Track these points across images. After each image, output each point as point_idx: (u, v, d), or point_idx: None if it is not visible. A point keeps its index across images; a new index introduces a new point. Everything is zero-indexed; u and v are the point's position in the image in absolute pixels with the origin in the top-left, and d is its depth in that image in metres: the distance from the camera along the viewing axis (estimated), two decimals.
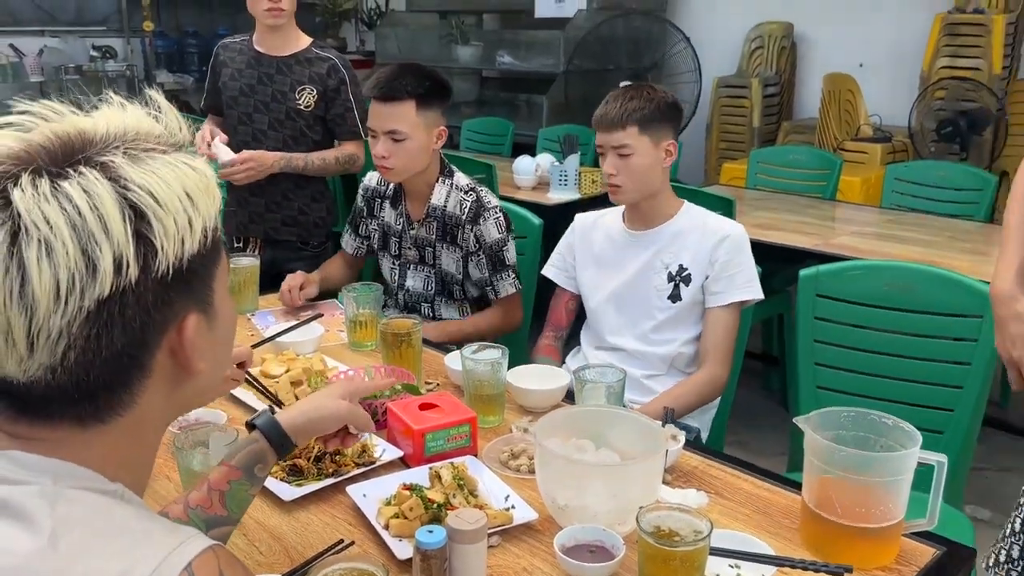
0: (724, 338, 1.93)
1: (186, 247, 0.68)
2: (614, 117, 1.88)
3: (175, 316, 0.70)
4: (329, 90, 2.61)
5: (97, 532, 0.64)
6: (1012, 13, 4.32)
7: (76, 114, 0.71)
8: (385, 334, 1.72)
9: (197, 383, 0.76)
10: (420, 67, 2.09)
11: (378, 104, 2.06)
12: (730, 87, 5.29)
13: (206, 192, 0.70)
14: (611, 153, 1.90)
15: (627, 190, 1.92)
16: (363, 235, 2.36)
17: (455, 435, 1.42)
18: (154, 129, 0.72)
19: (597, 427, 1.35)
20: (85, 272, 0.63)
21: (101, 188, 0.64)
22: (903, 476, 1.17)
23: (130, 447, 0.72)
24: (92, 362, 0.65)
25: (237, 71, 2.66)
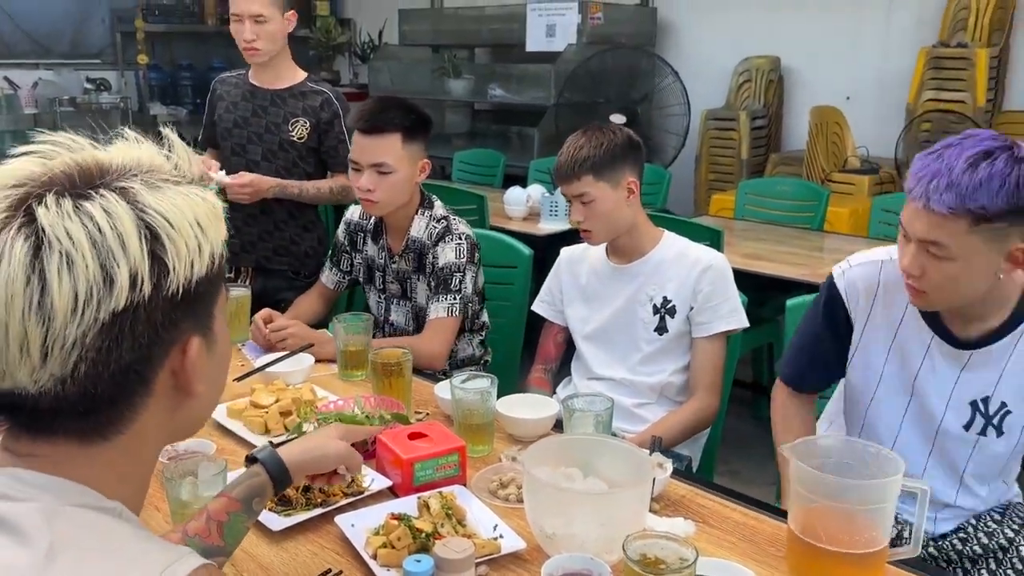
0: (712, 368, 1.95)
1: (195, 270, 0.71)
2: (567, 170, 1.91)
3: (180, 337, 0.73)
4: (322, 123, 2.64)
5: (93, 549, 0.66)
6: (995, 47, 4.40)
7: (95, 147, 0.75)
8: (375, 364, 1.72)
9: (194, 406, 0.79)
10: (403, 100, 2.11)
11: (363, 137, 2.06)
12: (718, 119, 5.36)
13: (215, 221, 0.75)
14: (575, 201, 1.93)
15: (598, 233, 1.96)
16: (344, 269, 2.35)
17: (444, 464, 1.43)
18: (166, 164, 0.76)
19: (585, 455, 1.36)
20: (103, 285, 0.66)
21: (120, 209, 0.68)
22: (887, 503, 1.18)
23: (128, 465, 0.75)
24: (100, 375, 0.68)
25: (232, 104, 2.71)
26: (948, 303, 1.40)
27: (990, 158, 1.23)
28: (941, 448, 1.52)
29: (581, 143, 1.91)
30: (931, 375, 1.50)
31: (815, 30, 5.20)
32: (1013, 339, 1.44)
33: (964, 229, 1.25)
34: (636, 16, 5.77)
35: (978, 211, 1.23)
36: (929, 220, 1.27)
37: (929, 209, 1.26)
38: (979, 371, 1.46)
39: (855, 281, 1.57)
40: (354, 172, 2.10)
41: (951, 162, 1.25)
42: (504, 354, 2.49)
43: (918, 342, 1.51)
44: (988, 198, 1.22)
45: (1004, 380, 1.44)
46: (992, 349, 1.44)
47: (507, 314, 2.50)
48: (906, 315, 1.51)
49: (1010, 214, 1.24)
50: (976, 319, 1.44)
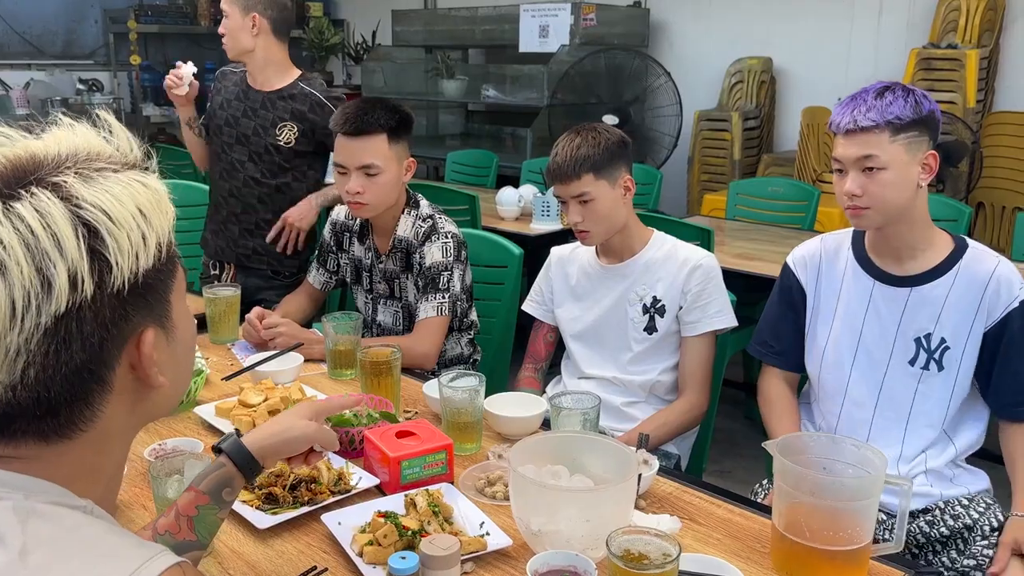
0: (701, 367, 1.96)
1: (141, 262, 0.69)
2: (567, 169, 1.89)
3: (133, 331, 0.71)
4: (318, 128, 2.65)
5: (66, 547, 0.65)
6: (984, 48, 4.42)
7: (26, 137, 0.72)
8: (364, 363, 1.73)
9: (159, 396, 0.77)
10: (385, 100, 2.10)
11: (349, 140, 2.04)
12: (711, 120, 5.37)
13: (158, 208, 0.72)
14: (572, 202, 1.92)
15: (596, 234, 1.95)
16: (331, 269, 2.35)
17: (431, 462, 1.43)
18: (105, 149, 0.73)
19: (571, 453, 1.37)
20: (40, 290, 0.64)
21: (53, 207, 0.65)
22: (870, 499, 1.19)
23: (96, 461, 0.74)
24: (52, 378, 0.67)
25: (227, 101, 2.73)
26: (885, 214, 1.61)
27: (890, 89, 1.59)
28: (888, 395, 1.69)
29: (578, 142, 1.90)
30: (875, 321, 1.69)
31: (807, 31, 5.22)
32: (949, 279, 1.63)
33: (887, 139, 1.56)
34: (629, 17, 5.78)
35: (895, 121, 1.55)
36: (861, 139, 1.57)
37: (859, 128, 1.56)
38: (919, 309, 1.65)
39: (802, 255, 1.82)
40: (340, 175, 2.09)
41: (864, 96, 1.59)
42: (494, 353, 2.49)
43: (860, 291, 1.71)
44: (899, 110, 1.55)
45: (943, 318, 1.63)
46: (929, 288, 1.64)
47: (497, 313, 2.51)
48: (847, 270, 1.74)
49: (916, 123, 1.57)
50: (908, 256, 1.66)
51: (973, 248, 1.65)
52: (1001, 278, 1.60)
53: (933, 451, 1.67)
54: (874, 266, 1.70)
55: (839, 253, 1.76)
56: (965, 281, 1.62)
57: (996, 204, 4.44)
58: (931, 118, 1.58)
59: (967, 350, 1.62)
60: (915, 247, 1.65)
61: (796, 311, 1.81)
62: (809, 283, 1.79)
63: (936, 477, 1.66)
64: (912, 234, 1.65)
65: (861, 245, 1.73)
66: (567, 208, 1.96)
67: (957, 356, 1.63)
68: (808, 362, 1.80)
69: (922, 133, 1.58)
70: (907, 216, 1.62)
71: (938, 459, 1.66)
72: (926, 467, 1.66)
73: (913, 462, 1.66)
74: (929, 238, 1.66)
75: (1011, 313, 1.59)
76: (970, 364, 1.63)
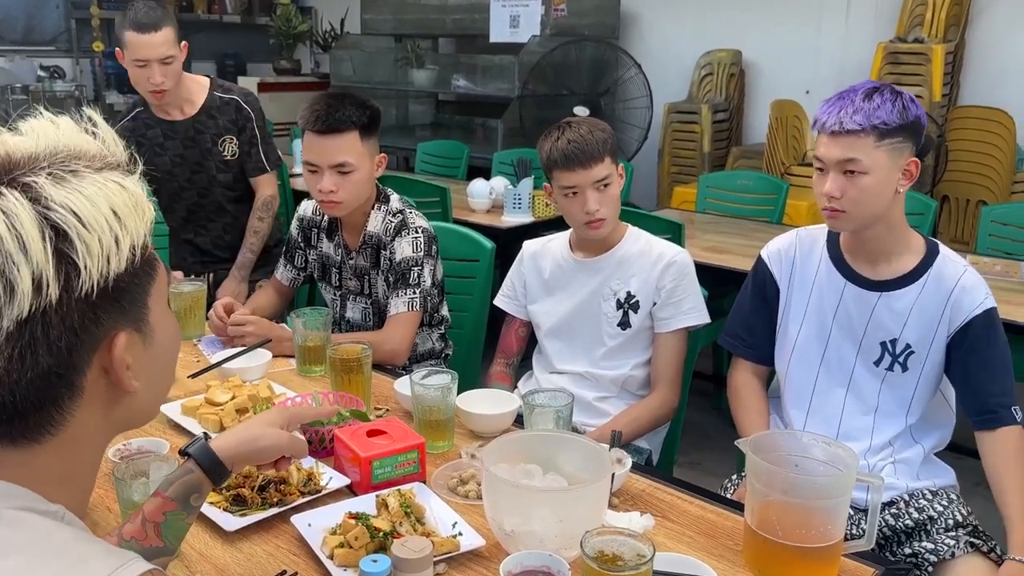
0: (673, 362, 1.96)
1: (112, 265, 0.67)
2: (592, 150, 1.84)
3: (105, 335, 0.69)
4: (239, 130, 2.64)
5: (36, 556, 0.64)
6: (950, 43, 4.47)
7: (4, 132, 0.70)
8: (334, 360, 1.70)
9: (134, 401, 0.75)
10: (354, 96, 2.05)
11: (320, 138, 1.99)
12: (681, 112, 5.39)
13: (135, 210, 0.70)
14: (591, 189, 1.86)
15: (609, 222, 1.92)
16: (298, 266, 2.31)
17: (403, 462, 1.42)
18: (87, 148, 0.71)
19: (545, 451, 1.36)
20: (3, 293, 0.63)
21: (20, 208, 0.64)
22: (842, 498, 1.19)
23: (67, 466, 0.72)
24: (17, 382, 0.65)
25: (159, 146, 2.68)
26: (862, 219, 1.60)
27: (879, 91, 1.56)
28: (855, 392, 1.70)
29: (587, 128, 1.87)
30: (845, 321, 1.70)
31: (776, 24, 5.25)
32: (918, 287, 1.64)
33: (872, 144, 1.54)
34: (599, 8, 5.77)
35: (881, 126, 1.53)
36: (845, 141, 1.55)
37: (844, 130, 1.54)
38: (886, 315, 1.66)
39: (776, 249, 1.82)
40: (310, 174, 2.04)
41: (852, 97, 1.56)
42: (466, 348, 2.48)
43: (832, 290, 1.71)
44: (886, 115, 1.53)
45: (909, 324, 1.64)
46: (898, 295, 1.65)
47: (469, 307, 2.49)
48: (820, 268, 1.74)
49: (902, 129, 1.54)
50: (882, 260, 1.66)
51: (943, 255, 1.66)
52: (965, 287, 1.61)
53: (900, 443, 1.68)
54: (848, 267, 1.70)
55: (813, 250, 1.76)
56: (932, 289, 1.63)
57: (960, 198, 4.50)
58: (916, 124, 1.57)
59: (931, 355, 1.64)
60: (890, 251, 1.65)
61: (769, 305, 1.82)
62: (783, 278, 1.80)
63: (904, 468, 1.68)
64: (887, 238, 1.64)
65: (836, 244, 1.73)
66: (577, 200, 1.88)
67: (921, 359, 1.65)
68: (778, 357, 1.81)
69: (906, 139, 1.56)
70: (884, 221, 1.62)
71: (905, 451, 1.68)
72: (894, 458, 1.68)
73: (880, 454, 1.68)
74: (904, 242, 1.66)
75: (971, 321, 1.60)
76: (933, 367, 1.65)
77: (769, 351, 1.83)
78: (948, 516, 1.59)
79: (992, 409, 1.58)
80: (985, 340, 1.60)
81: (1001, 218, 3.27)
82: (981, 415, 1.60)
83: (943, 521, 1.59)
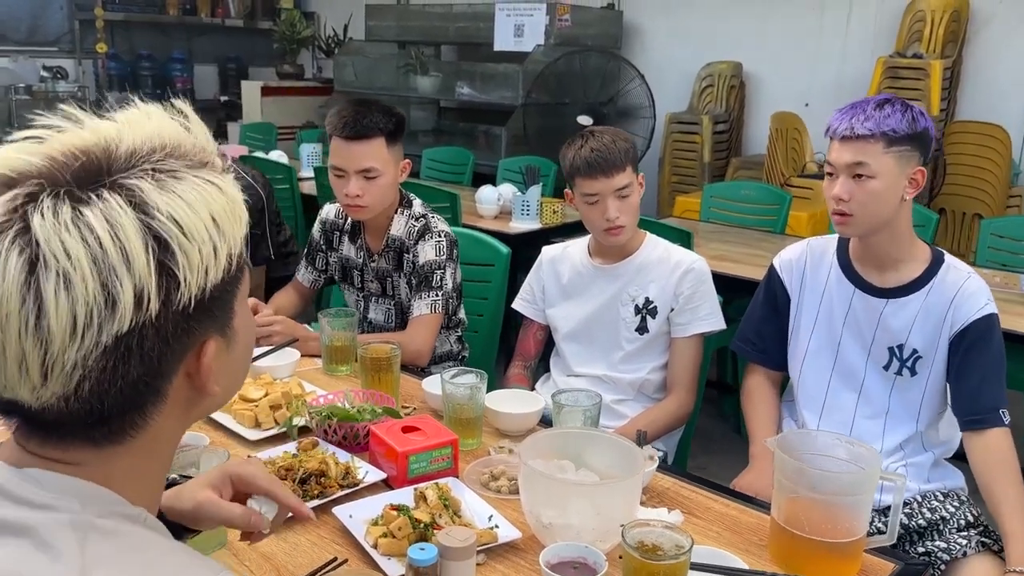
0: (690, 367, 2.01)
1: (210, 276, 0.66)
2: (615, 159, 1.90)
3: (194, 343, 0.69)
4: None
5: (129, 566, 0.64)
6: (948, 59, 4.56)
7: (100, 120, 0.68)
8: (364, 359, 1.75)
9: (210, 402, 0.75)
10: (379, 103, 2.12)
11: (348, 143, 2.05)
12: (682, 123, 5.46)
13: (232, 216, 0.68)
14: (612, 197, 1.91)
15: (628, 229, 1.98)
16: (320, 268, 2.36)
17: (437, 457, 1.46)
18: (183, 142, 0.69)
19: (576, 448, 1.41)
20: (104, 307, 0.61)
21: (125, 218, 0.62)
22: (866, 495, 1.25)
23: (146, 465, 0.71)
24: (107, 391, 0.64)
25: None
26: (868, 223, 1.66)
27: (890, 102, 1.64)
28: (866, 396, 1.76)
29: (611, 138, 1.91)
30: (854, 328, 1.75)
31: (776, 37, 5.33)
32: (923, 293, 1.70)
33: (881, 150, 1.61)
34: (602, 19, 5.84)
35: (890, 133, 1.60)
36: (855, 146, 1.62)
37: (855, 135, 1.62)
38: (893, 321, 1.71)
39: (788, 259, 1.88)
40: (336, 179, 2.10)
41: (864, 106, 1.64)
42: (480, 350, 2.52)
43: (842, 298, 1.77)
44: (896, 123, 1.60)
45: (915, 330, 1.70)
46: (904, 302, 1.70)
47: (484, 311, 2.54)
48: (831, 276, 1.80)
49: (911, 138, 1.62)
50: (889, 267, 1.72)
51: (949, 263, 1.72)
52: (968, 291, 1.67)
53: (911, 448, 1.74)
54: (856, 275, 1.76)
55: (824, 258, 1.82)
56: (937, 295, 1.69)
57: (957, 211, 4.59)
58: (925, 135, 1.63)
59: (937, 357, 1.70)
60: (897, 259, 1.71)
61: (780, 313, 1.88)
62: (794, 287, 1.85)
63: (915, 471, 1.73)
64: (894, 245, 1.70)
65: (845, 253, 1.79)
66: (598, 207, 1.92)
67: (928, 363, 1.71)
68: (791, 363, 1.87)
69: (914, 149, 1.63)
70: (890, 227, 1.68)
71: (916, 456, 1.74)
72: (906, 462, 1.73)
73: (893, 457, 1.74)
74: (911, 251, 1.72)
75: (971, 324, 1.66)
76: (941, 370, 1.71)
77: (780, 357, 1.89)
78: (960, 516, 1.65)
79: (980, 411, 1.64)
80: (981, 344, 1.66)
81: (1000, 231, 3.35)
82: (969, 416, 1.65)
83: (955, 521, 1.65)
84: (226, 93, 7.75)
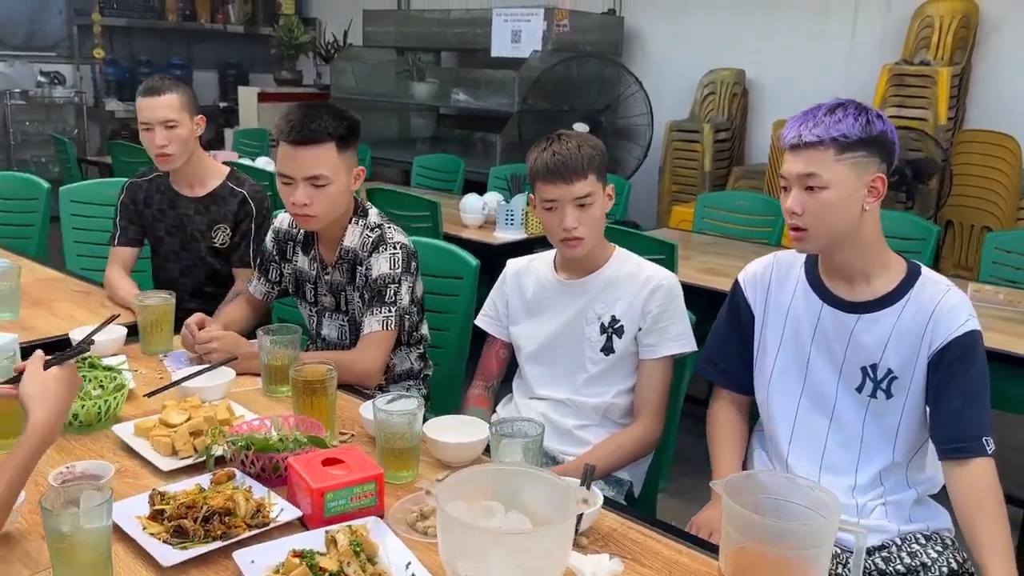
0: (657, 391, 1.88)
1: None
2: (576, 165, 1.76)
3: None
4: (237, 222, 2.60)
5: None
6: (956, 66, 4.40)
7: None
8: (296, 381, 1.62)
9: None
10: (331, 106, 1.97)
11: (295, 148, 1.90)
12: (682, 131, 5.32)
13: None
14: (570, 205, 1.78)
15: (588, 242, 1.83)
16: (272, 280, 2.23)
17: (359, 494, 1.33)
18: None
19: (509, 487, 1.27)
20: None
21: None
22: (822, 547, 1.11)
23: None
24: None
25: (160, 211, 2.64)
26: (825, 237, 1.54)
27: (842, 106, 1.51)
28: (838, 421, 1.62)
29: (576, 143, 1.79)
30: (823, 346, 1.62)
31: (780, 44, 5.19)
32: (898, 308, 1.56)
33: (832, 157, 1.48)
34: (603, 25, 5.72)
35: (841, 139, 1.47)
36: (805, 155, 1.50)
37: (803, 143, 1.49)
38: (865, 338, 1.57)
39: (752, 272, 1.75)
40: (283, 186, 1.96)
41: (815, 112, 1.52)
42: (447, 368, 2.39)
43: (809, 313, 1.64)
44: (847, 128, 1.47)
45: (889, 348, 1.56)
46: (877, 317, 1.56)
47: (451, 326, 2.41)
48: (797, 290, 1.67)
49: (864, 143, 1.48)
50: (860, 281, 1.58)
51: (926, 276, 1.57)
52: (947, 307, 1.52)
53: (891, 483, 1.59)
54: (825, 289, 1.62)
55: (791, 272, 1.69)
56: (913, 310, 1.54)
57: (965, 223, 4.42)
58: (883, 139, 1.50)
59: (915, 378, 1.55)
60: (867, 272, 1.58)
61: (743, 332, 1.74)
62: (758, 303, 1.72)
63: (895, 510, 1.59)
64: (862, 259, 1.57)
65: (814, 266, 1.65)
66: (556, 214, 1.81)
67: (905, 384, 1.56)
68: (757, 386, 1.73)
69: (871, 154, 1.49)
70: (855, 240, 1.54)
71: (897, 493, 1.59)
72: (885, 499, 1.58)
73: (870, 493, 1.59)
74: (883, 263, 1.58)
75: (951, 343, 1.51)
76: (918, 394, 1.55)
77: (745, 379, 1.75)
78: (942, 564, 1.50)
79: (962, 438, 1.48)
80: (962, 364, 1.50)
81: (1005, 245, 3.18)
82: (949, 444, 1.50)
83: (936, 569, 1.50)
84: (226, 99, 7.69)
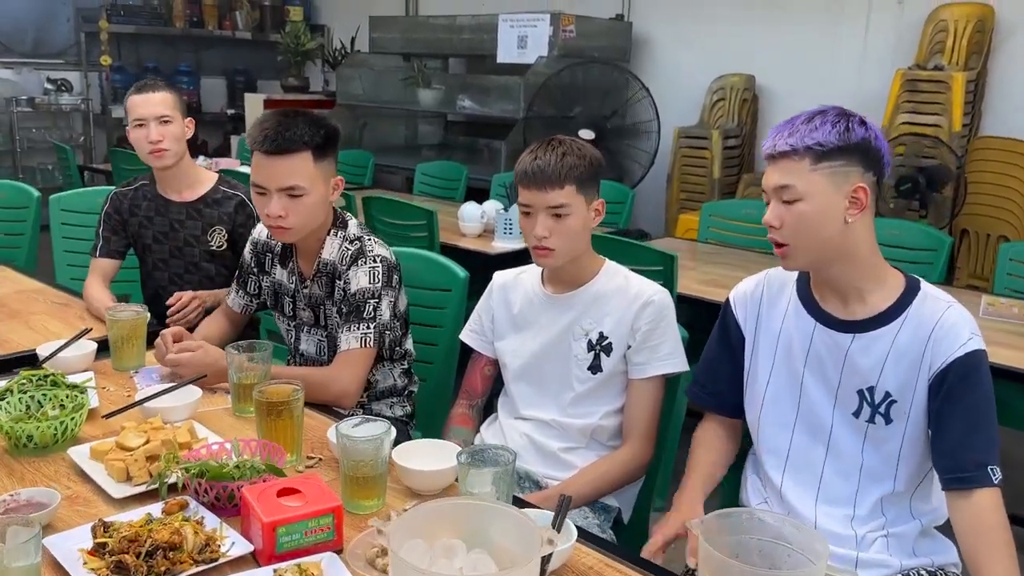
0: (647, 412, 1.78)
1: None
2: (552, 174, 1.69)
3: None
4: (237, 226, 2.53)
5: None
6: (972, 71, 4.27)
7: None
8: (260, 402, 1.53)
9: None
10: (308, 113, 1.89)
11: (269, 158, 1.82)
12: (691, 138, 5.22)
13: None
14: (544, 213, 1.71)
15: (560, 254, 1.74)
16: (251, 292, 2.15)
17: (315, 528, 1.24)
18: None
19: (479, 522, 1.18)
20: None
21: None
22: None
23: None
24: None
25: (147, 219, 2.58)
26: (807, 252, 1.46)
27: (822, 113, 1.42)
28: (836, 450, 1.52)
29: (562, 150, 1.72)
30: (817, 368, 1.52)
31: (791, 49, 5.08)
32: (895, 327, 1.46)
33: (807, 167, 1.40)
34: (610, 30, 5.63)
35: (816, 147, 1.39)
36: (779, 167, 1.43)
37: (777, 153, 1.43)
38: (861, 360, 1.48)
39: (743, 291, 1.67)
40: (258, 197, 1.88)
41: (794, 120, 1.44)
42: (434, 384, 2.30)
43: (802, 333, 1.54)
44: (823, 136, 1.39)
45: (887, 370, 1.46)
46: (873, 336, 1.47)
47: (439, 340, 2.32)
48: (789, 309, 1.58)
49: (843, 151, 1.40)
50: (854, 298, 1.49)
51: (925, 291, 1.47)
52: (947, 325, 1.41)
53: (893, 514, 1.49)
54: (817, 307, 1.53)
55: (783, 291, 1.59)
56: (911, 329, 1.44)
57: (980, 232, 4.29)
58: (865, 146, 1.40)
59: (915, 402, 1.44)
60: (861, 288, 1.47)
61: (734, 353, 1.64)
62: (748, 323, 1.62)
63: (897, 543, 1.48)
64: (855, 274, 1.47)
65: (806, 283, 1.55)
66: (530, 220, 1.74)
67: (905, 408, 1.45)
68: (748, 411, 1.62)
69: (851, 163, 1.40)
70: (844, 255, 1.45)
71: (901, 524, 1.48)
72: (887, 532, 1.48)
73: (870, 524, 1.48)
74: (879, 278, 1.48)
75: (952, 364, 1.40)
76: (919, 418, 1.44)
77: (735, 403, 1.65)
78: None
79: (965, 468, 1.37)
80: (964, 387, 1.39)
81: (1020, 256, 3.04)
82: (952, 473, 1.39)
83: None
84: (233, 106, 7.66)
